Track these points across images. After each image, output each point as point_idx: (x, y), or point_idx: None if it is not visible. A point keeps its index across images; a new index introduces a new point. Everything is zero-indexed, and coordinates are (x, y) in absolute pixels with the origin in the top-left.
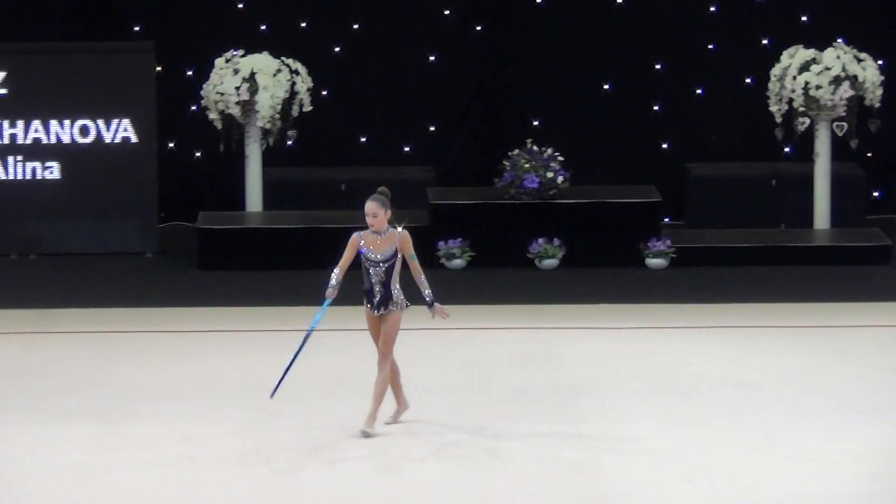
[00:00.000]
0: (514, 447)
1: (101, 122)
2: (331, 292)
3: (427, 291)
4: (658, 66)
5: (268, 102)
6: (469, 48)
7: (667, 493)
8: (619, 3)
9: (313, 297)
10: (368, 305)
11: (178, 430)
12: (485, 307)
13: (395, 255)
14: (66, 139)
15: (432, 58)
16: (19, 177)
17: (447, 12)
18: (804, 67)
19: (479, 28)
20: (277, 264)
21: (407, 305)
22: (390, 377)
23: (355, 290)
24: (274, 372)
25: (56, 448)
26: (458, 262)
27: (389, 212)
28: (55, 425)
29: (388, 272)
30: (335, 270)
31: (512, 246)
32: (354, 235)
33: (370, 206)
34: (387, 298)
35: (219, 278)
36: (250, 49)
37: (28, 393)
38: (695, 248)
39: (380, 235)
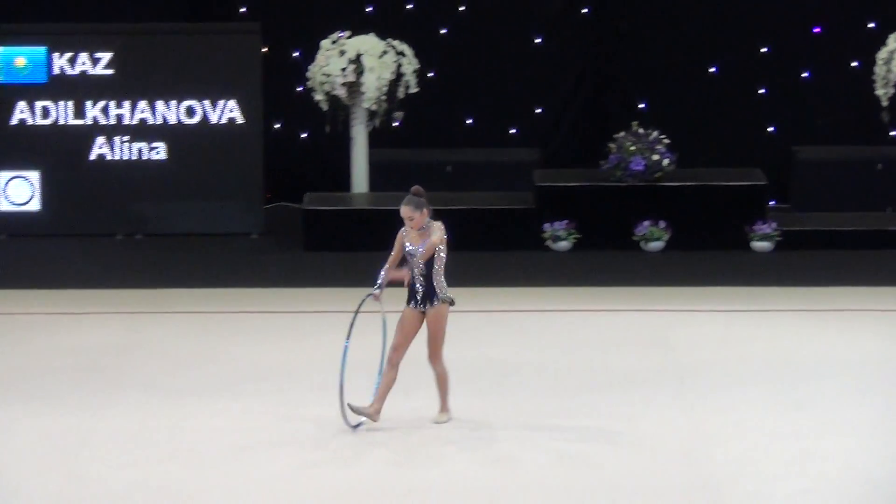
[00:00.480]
0: (620, 429)
1: (206, 103)
2: (377, 293)
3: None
4: (764, 50)
5: (374, 84)
6: (575, 31)
7: (775, 476)
8: None
9: None
10: (411, 303)
11: (279, 409)
12: (590, 289)
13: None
14: (172, 120)
15: (538, 40)
16: (125, 157)
17: None
18: None
19: (585, 11)
20: (382, 245)
21: (452, 302)
22: (438, 382)
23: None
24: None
25: (160, 424)
26: (563, 245)
27: (426, 210)
28: (160, 404)
29: (429, 265)
30: (383, 269)
31: (617, 228)
32: (400, 231)
33: (404, 209)
34: (430, 294)
35: (324, 259)
36: (356, 30)
37: (134, 372)
38: (800, 232)
39: (421, 230)
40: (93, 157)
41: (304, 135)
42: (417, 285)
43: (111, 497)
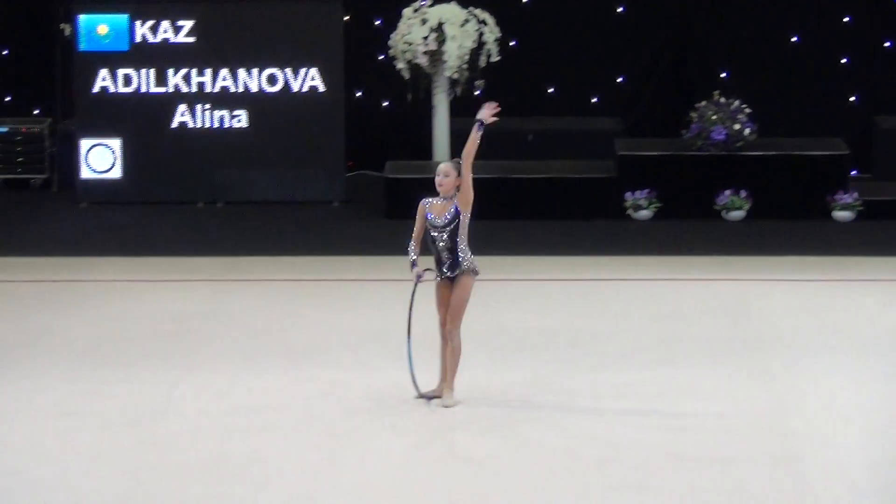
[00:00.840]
0: (699, 400)
1: (288, 71)
2: (417, 271)
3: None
4: (846, 19)
5: (455, 52)
6: (657, 0)
7: (859, 447)
8: None
9: (498, 245)
10: (438, 275)
11: (359, 376)
12: (671, 258)
13: (456, 215)
14: (253, 88)
15: (620, 9)
16: (207, 125)
17: None
18: None
19: None
20: None
21: (477, 272)
22: (449, 355)
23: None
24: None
25: (241, 392)
26: (644, 213)
27: (460, 178)
28: (241, 373)
29: (453, 236)
30: (410, 246)
31: (698, 197)
32: (421, 203)
33: (444, 166)
34: (456, 263)
35: (405, 227)
36: None
37: (215, 340)
38: (882, 201)
39: (445, 200)
40: (174, 124)
41: (385, 103)
42: (443, 257)
43: (197, 466)
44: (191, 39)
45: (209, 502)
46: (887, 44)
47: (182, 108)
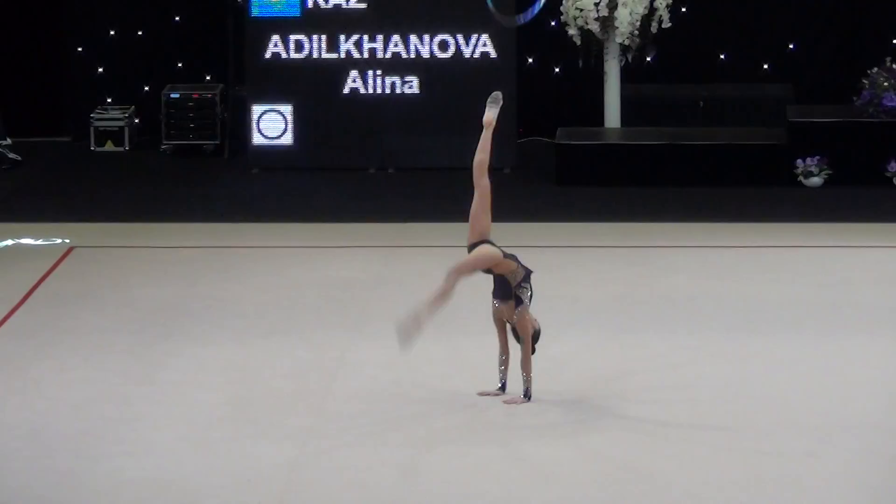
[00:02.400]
0: (866, 370)
1: (460, 37)
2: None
3: None
4: None
5: (627, 19)
6: None
7: None
8: None
9: (666, 213)
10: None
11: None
12: (842, 225)
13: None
14: (425, 54)
15: None
16: (378, 91)
17: None
18: None
19: None
20: (635, 180)
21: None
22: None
23: None
24: (628, 292)
25: (413, 358)
26: (815, 180)
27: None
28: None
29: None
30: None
31: (869, 164)
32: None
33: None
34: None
35: (576, 194)
36: None
37: (384, 307)
38: None
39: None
40: (346, 91)
41: (556, 70)
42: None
43: (356, 432)
44: (362, 5)
45: (380, 470)
46: None
47: (353, 74)
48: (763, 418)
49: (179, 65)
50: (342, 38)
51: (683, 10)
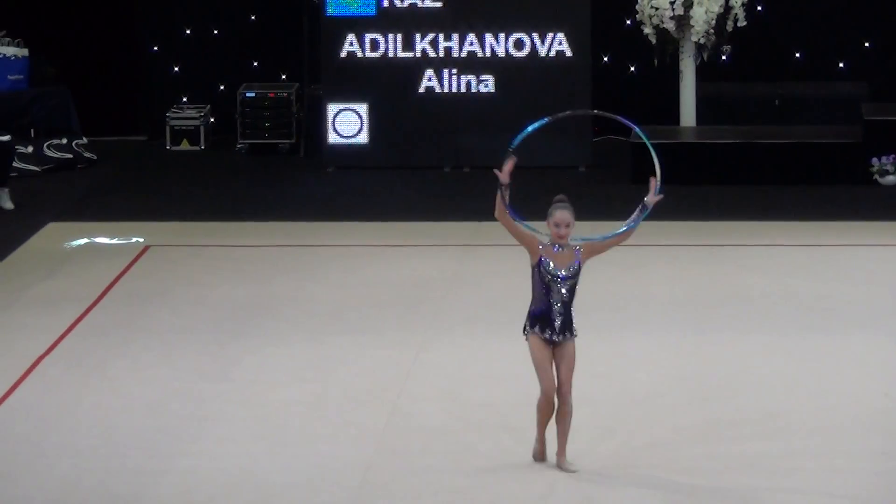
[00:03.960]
0: None
1: (535, 36)
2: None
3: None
4: None
5: (702, 17)
6: None
7: None
8: None
9: (741, 212)
10: (546, 332)
11: (599, 343)
12: None
13: (579, 269)
14: (500, 52)
15: None
16: (454, 90)
17: None
18: None
19: None
20: (710, 179)
21: (576, 335)
22: (546, 414)
23: None
24: (703, 291)
25: (488, 356)
26: (891, 179)
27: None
28: (483, 340)
29: (572, 292)
30: (504, 207)
31: None
32: (536, 239)
33: (563, 214)
34: (568, 323)
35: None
36: None
37: (459, 306)
38: None
39: (562, 249)
40: (421, 89)
41: (632, 68)
42: (555, 312)
43: (431, 432)
44: (438, 4)
45: (454, 470)
46: None
47: (429, 72)
48: (838, 417)
49: (255, 64)
50: (417, 36)
51: (759, 8)
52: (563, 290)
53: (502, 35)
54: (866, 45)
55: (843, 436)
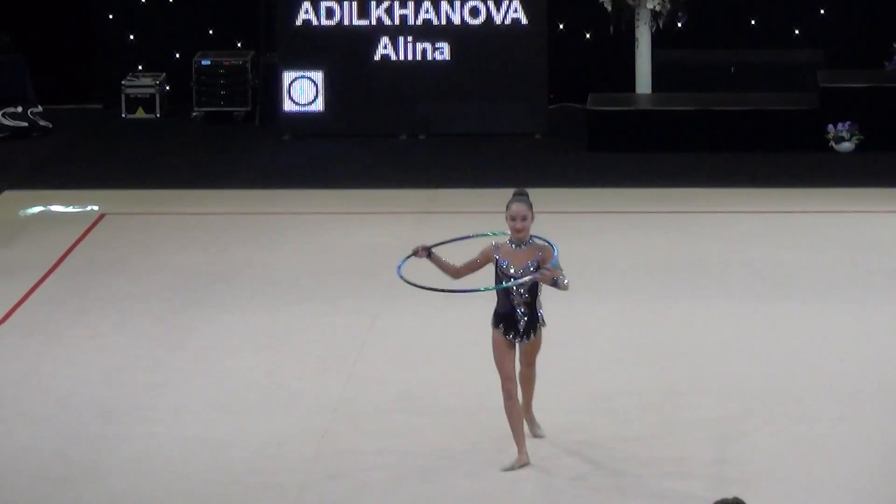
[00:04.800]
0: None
1: (491, 4)
2: (420, 251)
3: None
4: None
5: None
6: None
7: None
8: None
9: (697, 179)
10: (510, 335)
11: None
12: (874, 190)
13: (538, 269)
14: (456, 20)
15: None
16: (409, 58)
17: None
18: None
19: None
20: (666, 146)
21: (545, 324)
22: (518, 416)
23: None
24: (660, 258)
25: (444, 324)
26: (846, 146)
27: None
28: (440, 308)
29: (534, 290)
30: (451, 266)
31: None
32: (488, 246)
33: (519, 207)
34: (533, 322)
35: (607, 160)
36: None
37: (414, 274)
38: None
39: (521, 248)
40: (376, 57)
41: (587, 35)
42: (518, 314)
43: (387, 398)
44: None
45: (411, 436)
46: None
47: (384, 40)
48: (794, 383)
49: (210, 32)
50: (373, 4)
51: None
52: (523, 291)
53: (458, 2)
54: (822, 12)
55: (799, 401)
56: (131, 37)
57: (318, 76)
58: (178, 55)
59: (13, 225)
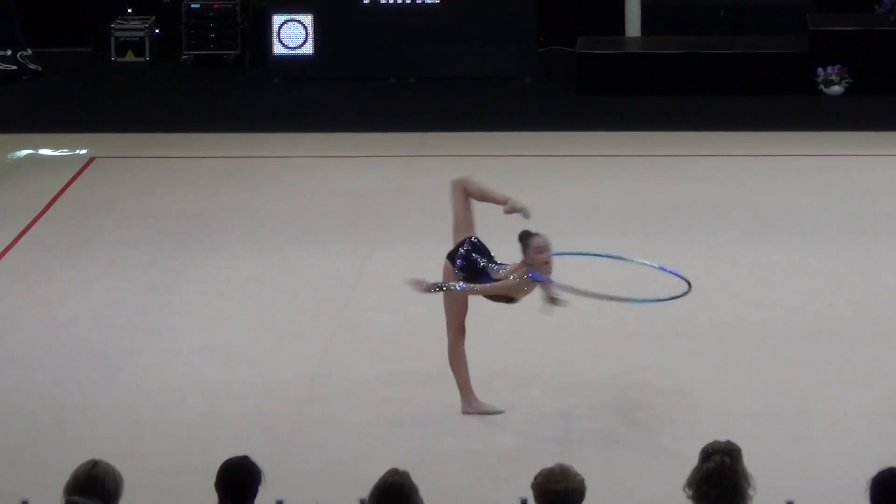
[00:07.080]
0: (891, 273)
1: None
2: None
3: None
4: None
5: None
6: None
7: None
8: None
9: (686, 122)
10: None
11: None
12: (863, 134)
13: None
14: None
15: None
16: (399, 1)
17: None
18: None
19: None
20: (655, 89)
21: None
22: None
23: None
24: (648, 201)
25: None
26: (836, 89)
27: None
28: (433, 248)
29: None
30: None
31: (891, 73)
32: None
33: (542, 239)
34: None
35: (596, 103)
36: None
37: (403, 217)
38: None
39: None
40: (366, 0)
41: None
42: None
43: (377, 341)
44: None
45: (401, 379)
46: None
47: None
48: (783, 326)
49: None
50: None
51: None
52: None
53: None
54: None
55: (788, 344)
56: None
57: (307, 19)
58: None
59: (2, 168)
